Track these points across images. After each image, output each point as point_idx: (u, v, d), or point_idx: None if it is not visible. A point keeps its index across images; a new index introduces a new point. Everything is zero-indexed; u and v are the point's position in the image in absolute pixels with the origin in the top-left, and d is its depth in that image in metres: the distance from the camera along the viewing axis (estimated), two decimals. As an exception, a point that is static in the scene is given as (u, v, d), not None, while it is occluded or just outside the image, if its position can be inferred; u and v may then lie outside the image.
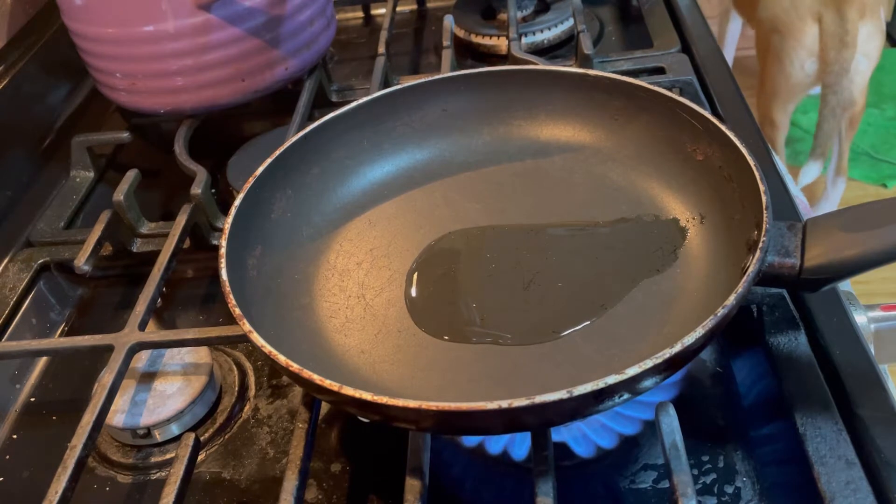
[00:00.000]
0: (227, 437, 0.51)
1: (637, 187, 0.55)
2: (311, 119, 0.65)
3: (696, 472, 0.38)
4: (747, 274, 0.40)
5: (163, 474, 0.50)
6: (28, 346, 0.54)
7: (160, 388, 0.52)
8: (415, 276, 0.52)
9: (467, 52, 0.89)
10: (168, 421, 0.51)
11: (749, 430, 0.47)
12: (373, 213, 0.57)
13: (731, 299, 0.38)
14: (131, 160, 0.78)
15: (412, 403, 0.36)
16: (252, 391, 0.54)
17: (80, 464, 0.43)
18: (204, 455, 0.50)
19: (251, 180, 0.52)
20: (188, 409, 0.51)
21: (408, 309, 0.50)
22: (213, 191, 0.66)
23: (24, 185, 0.73)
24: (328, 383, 0.38)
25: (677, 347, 0.36)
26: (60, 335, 0.63)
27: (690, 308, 0.46)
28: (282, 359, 0.39)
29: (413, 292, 0.51)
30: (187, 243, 0.63)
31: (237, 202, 0.50)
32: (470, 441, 0.48)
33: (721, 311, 0.38)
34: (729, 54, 2.27)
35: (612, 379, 0.35)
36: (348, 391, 0.37)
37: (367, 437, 0.50)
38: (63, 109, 0.83)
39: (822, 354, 0.49)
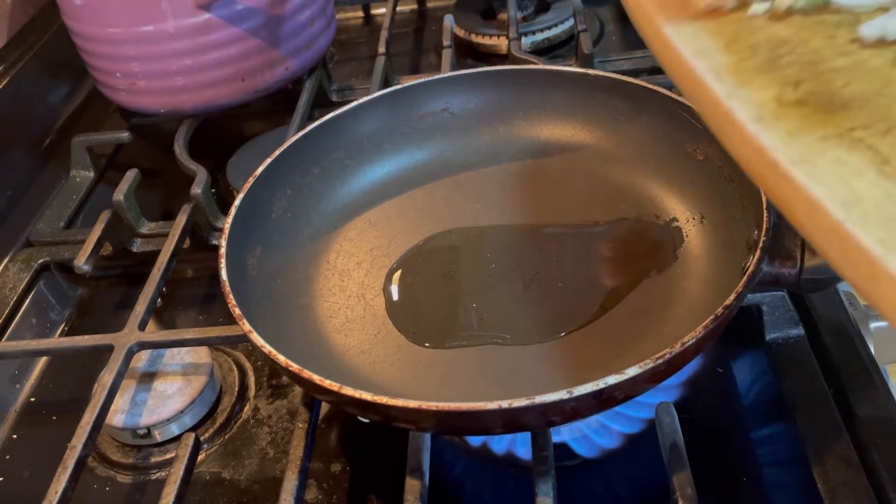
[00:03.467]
0: (227, 437, 0.51)
1: (637, 187, 0.55)
2: (311, 119, 0.65)
3: (696, 471, 0.38)
4: (748, 274, 0.40)
5: (163, 474, 0.50)
6: (28, 346, 0.54)
7: (160, 388, 0.52)
8: (396, 274, 0.52)
9: (467, 52, 0.89)
10: (168, 421, 0.51)
11: (749, 430, 0.47)
12: (373, 213, 0.57)
13: (732, 299, 0.38)
14: (131, 160, 0.78)
15: (412, 403, 0.36)
16: (252, 391, 0.54)
17: (80, 464, 0.43)
18: (204, 455, 0.50)
19: (251, 180, 0.52)
20: (188, 410, 0.51)
21: (387, 311, 0.50)
22: (213, 191, 0.66)
23: (24, 185, 0.73)
24: (328, 383, 0.38)
25: (677, 348, 0.36)
26: (60, 335, 0.63)
27: (690, 308, 0.46)
28: (281, 359, 0.39)
29: (395, 295, 0.51)
30: (187, 243, 0.63)
31: (237, 202, 0.50)
32: (473, 441, 0.48)
33: (721, 312, 0.38)
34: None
35: (612, 379, 0.35)
36: (348, 391, 0.37)
37: (367, 437, 0.50)
38: (63, 109, 0.83)
39: (822, 354, 0.49)
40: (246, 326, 0.42)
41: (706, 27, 0.36)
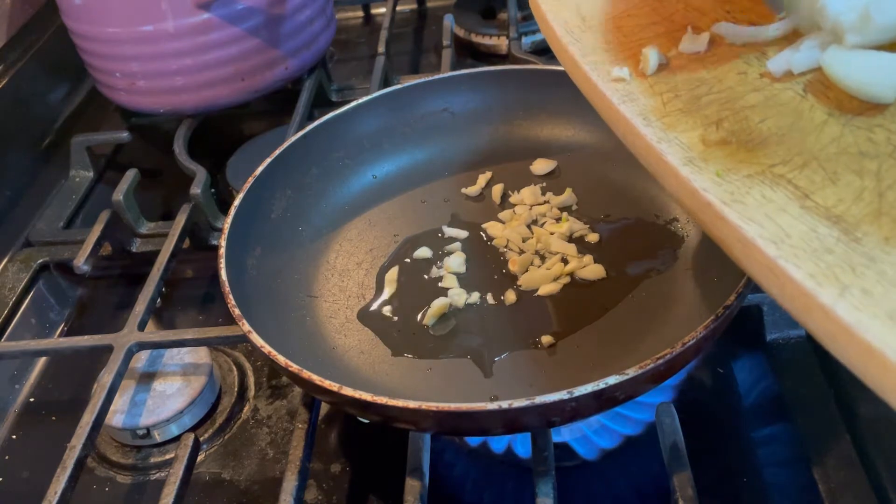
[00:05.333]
0: (226, 437, 0.51)
1: (637, 187, 0.55)
2: (311, 119, 0.65)
3: (696, 472, 0.38)
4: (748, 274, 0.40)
5: (162, 475, 0.50)
6: (28, 346, 0.54)
7: (160, 389, 0.52)
8: (393, 273, 0.52)
9: (467, 52, 0.89)
10: (167, 421, 0.51)
11: (749, 430, 0.47)
12: (373, 213, 0.57)
13: (732, 299, 0.38)
14: (131, 160, 0.78)
15: (412, 404, 0.36)
16: (252, 391, 0.54)
17: (80, 464, 0.43)
18: (203, 455, 0.50)
19: (251, 180, 0.52)
20: (188, 410, 0.51)
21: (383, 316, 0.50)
22: (212, 191, 0.66)
23: (24, 185, 0.73)
24: (328, 384, 0.38)
25: (678, 348, 0.36)
26: (60, 335, 0.63)
27: (691, 308, 0.46)
28: (281, 359, 0.39)
29: (392, 295, 0.51)
30: (187, 243, 0.63)
31: (237, 202, 0.50)
32: (472, 441, 0.48)
33: (722, 312, 0.38)
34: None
35: (612, 379, 0.35)
36: (348, 391, 0.37)
37: (367, 437, 0.50)
38: (63, 109, 0.83)
39: (822, 354, 0.48)
40: (245, 327, 0.42)
41: (629, 70, 0.38)
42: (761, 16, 0.39)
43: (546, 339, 0.46)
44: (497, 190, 0.58)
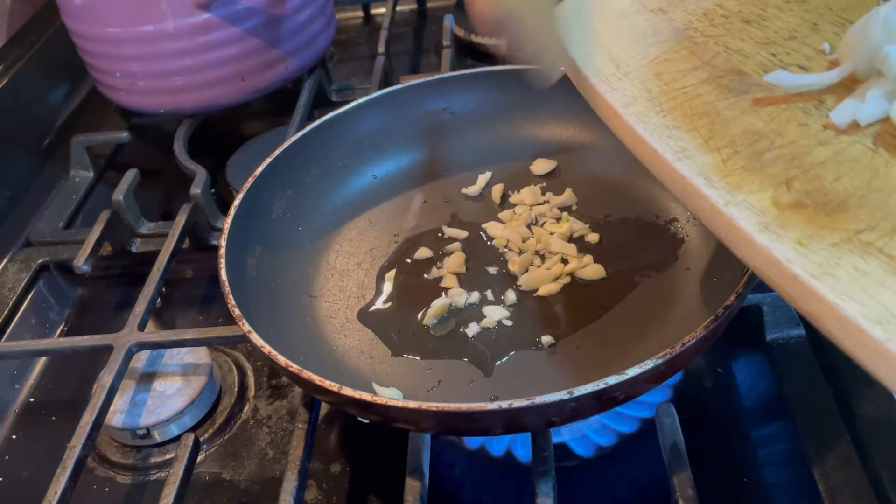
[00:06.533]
0: (226, 437, 0.51)
1: (637, 187, 0.55)
2: (311, 119, 0.65)
3: (696, 472, 0.38)
4: (748, 274, 0.40)
5: (162, 475, 0.50)
6: (28, 346, 0.54)
7: (160, 389, 0.52)
8: (391, 273, 0.52)
9: (467, 52, 0.89)
10: (167, 421, 0.51)
11: (749, 430, 0.47)
12: (373, 213, 0.57)
13: (732, 299, 0.38)
14: (131, 160, 0.78)
15: (412, 404, 0.36)
16: (252, 392, 0.54)
17: (80, 464, 0.43)
18: (203, 455, 0.50)
19: (251, 180, 0.52)
20: (188, 410, 0.51)
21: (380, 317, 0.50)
22: (212, 191, 0.66)
23: (24, 185, 0.73)
24: (328, 384, 0.38)
25: (678, 348, 0.36)
26: (60, 335, 0.63)
27: (691, 308, 0.46)
28: (281, 359, 0.39)
29: (389, 297, 0.51)
30: (187, 243, 0.63)
31: (237, 202, 0.50)
32: (472, 442, 0.48)
33: (722, 312, 0.38)
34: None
35: (612, 379, 0.35)
36: (348, 392, 0.37)
37: (367, 437, 0.50)
38: (63, 109, 0.83)
39: (822, 355, 0.48)
40: (245, 327, 0.42)
41: (677, 121, 0.35)
42: (808, 56, 0.37)
43: (546, 340, 0.46)
44: (497, 190, 0.58)
